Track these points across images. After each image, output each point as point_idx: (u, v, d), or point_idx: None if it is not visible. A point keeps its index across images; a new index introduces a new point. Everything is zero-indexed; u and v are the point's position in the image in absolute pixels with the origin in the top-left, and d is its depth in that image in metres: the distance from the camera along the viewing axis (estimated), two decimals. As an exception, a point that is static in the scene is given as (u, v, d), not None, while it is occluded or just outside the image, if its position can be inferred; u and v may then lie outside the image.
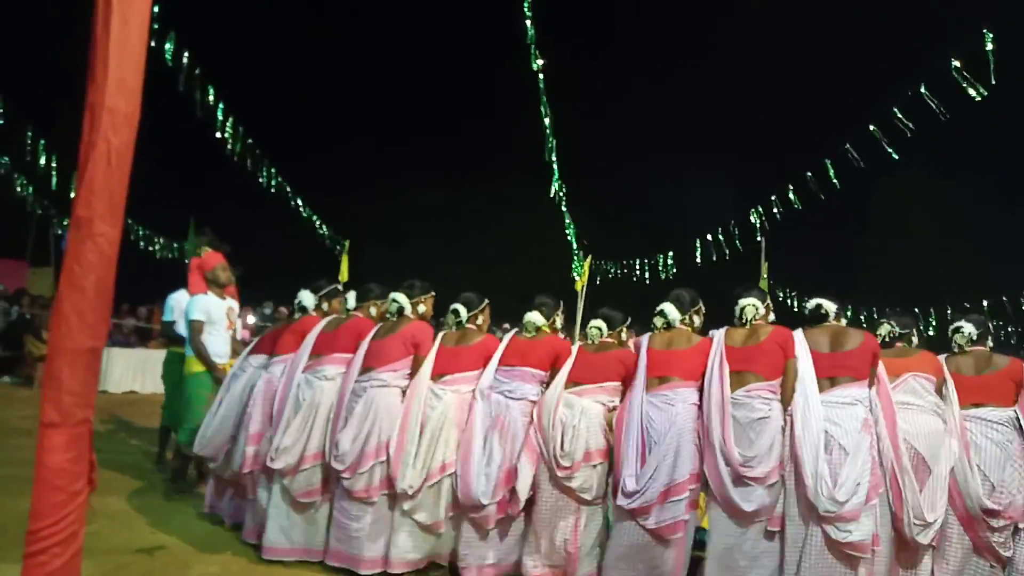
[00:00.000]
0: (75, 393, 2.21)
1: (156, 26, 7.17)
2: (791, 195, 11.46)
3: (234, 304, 6.07)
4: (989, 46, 7.23)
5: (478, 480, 4.07)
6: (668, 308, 4.28)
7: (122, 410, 9.10)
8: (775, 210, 11.79)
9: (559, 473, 4.00)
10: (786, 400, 3.80)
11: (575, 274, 12.26)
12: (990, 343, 4.22)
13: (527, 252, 22.23)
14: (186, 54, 7.40)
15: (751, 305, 4.10)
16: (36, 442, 2.23)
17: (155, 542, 4.60)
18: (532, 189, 14.34)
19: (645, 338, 4.29)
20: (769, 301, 4.25)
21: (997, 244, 22.47)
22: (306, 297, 5.12)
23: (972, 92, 7.35)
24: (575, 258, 12.57)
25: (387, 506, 4.28)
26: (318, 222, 13.22)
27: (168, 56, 7.55)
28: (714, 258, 13.82)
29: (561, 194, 11.32)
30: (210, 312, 5.78)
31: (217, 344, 5.78)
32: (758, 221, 12.33)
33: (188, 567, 4.26)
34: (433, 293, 4.71)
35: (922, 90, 8.00)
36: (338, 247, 13.28)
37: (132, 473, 6.16)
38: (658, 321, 4.29)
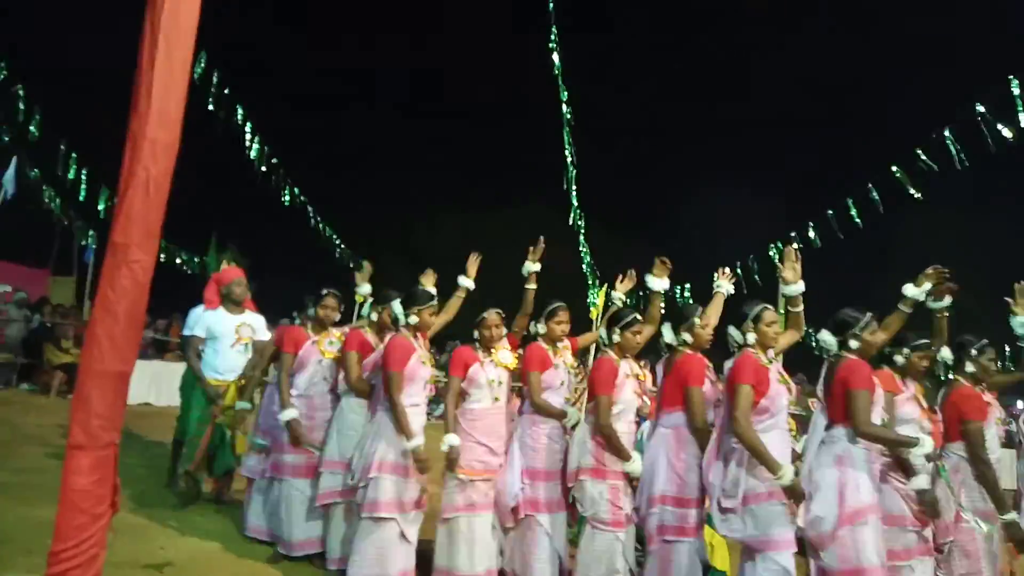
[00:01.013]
0: (103, 416, 2.24)
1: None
2: (811, 232, 11.44)
3: (252, 319, 6.03)
4: (1016, 90, 7.25)
5: None
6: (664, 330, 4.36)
7: (136, 422, 9.05)
8: (795, 245, 11.77)
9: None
10: None
11: (591, 303, 12.25)
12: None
13: (544, 279, 22.26)
14: (216, 74, 7.54)
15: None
16: (46, 450, 2.26)
17: (163, 558, 4.60)
18: (552, 217, 14.43)
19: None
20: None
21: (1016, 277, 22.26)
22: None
23: (993, 137, 7.36)
24: (590, 287, 12.57)
25: None
26: (337, 241, 13.34)
27: (198, 74, 7.68)
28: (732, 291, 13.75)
29: (580, 223, 11.37)
30: (212, 327, 5.83)
31: (220, 360, 5.81)
32: (777, 256, 12.29)
33: (195, 584, 4.29)
34: (433, 303, 4.48)
35: (945, 133, 8.00)
36: (354, 265, 13.45)
37: (143, 486, 6.18)
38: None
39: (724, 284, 4.67)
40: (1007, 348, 5.85)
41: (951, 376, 4.36)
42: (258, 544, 4.96)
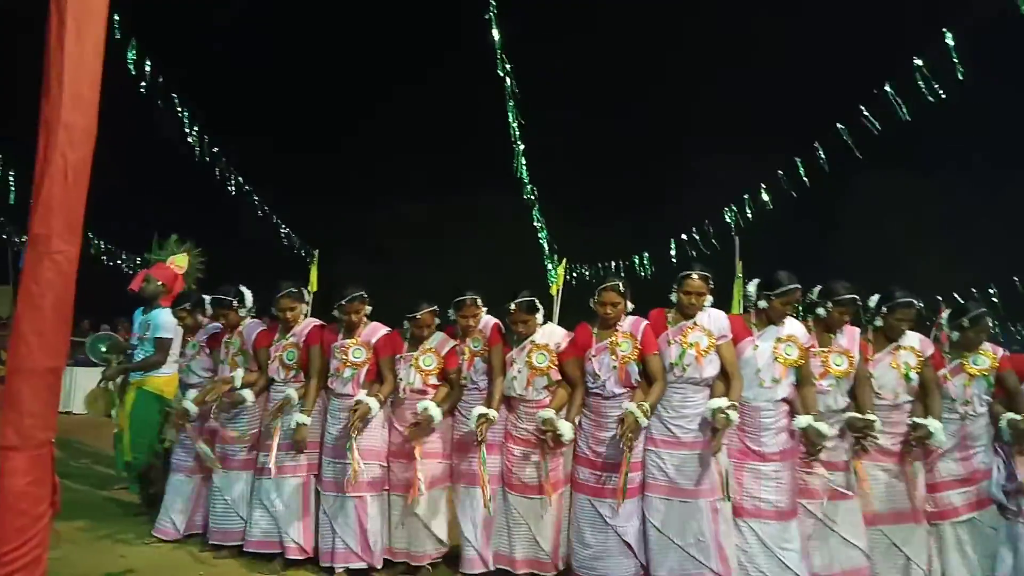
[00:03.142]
0: (35, 415, 2.17)
1: (117, 35, 7.05)
2: (763, 195, 11.57)
3: (155, 316, 5.74)
4: (951, 42, 7.35)
5: None
6: None
7: (87, 432, 8.74)
8: (747, 210, 11.89)
9: None
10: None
11: (550, 279, 12.28)
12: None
13: (502, 259, 22.23)
14: (148, 62, 7.28)
15: None
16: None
17: (124, 566, 4.50)
18: (505, 196, 14.36)
19: None
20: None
21: (967, 238, 22.86)
22: None
23: (936, 90, 7.48)
24: (549, 263, 12.58)
25: None
26: (286, 231, 13.08)
27: (131, 62, 7.42)
28: (691, 256, 13.87)
29: (532, 198, 11.33)
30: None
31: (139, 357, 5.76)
32: (732, 220, 12.42)
33: (160, 588, 4.21)
34: (348, 297, 4.56)
35: (887, 88, 8.11)
36: (308, 257, 13.23)
37: (98, 497, 6.06)
38: None
39: None
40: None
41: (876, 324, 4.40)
42: (222, 547, 4.82)
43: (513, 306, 4.29)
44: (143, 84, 7.19)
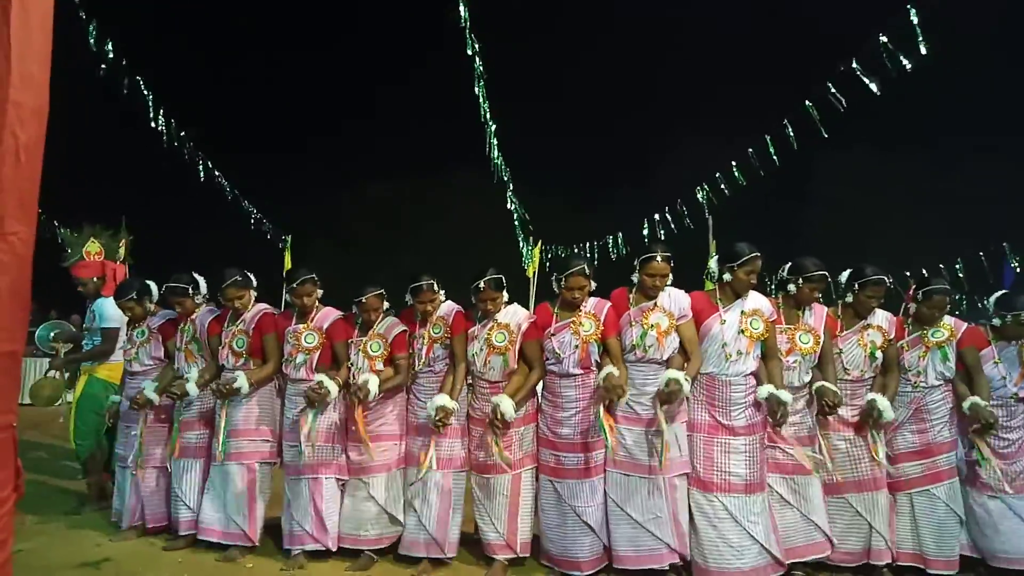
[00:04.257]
0: (-6, 399, 2.13)
1: (82, 15, 6.88)
2: (736, 172, 11.61)
3: (98, 306, 5.77)
4: (915, 19, 7.40)
5: None
6: None
7: (55, 424, 8.70)
8: (723, 187, 11.93)
9: None
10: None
11: (525, 262, 12.29)
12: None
13: (477, 242, 22.21)
14: (110, 43, 7.12)
15: None
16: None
17: (100, 555, 4.51)
18: (478, 177, 14.27)
19: None
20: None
21: (932, 213, 23.15)
22: None
23: (901, 64, 7.53)
24: (524, 244, 12.57)
25: None
26: (257, 216, 12.93)
27: (93, 43, 7.26)
28: (661, 236, 13.91)
29: (505, 178, 11.30)
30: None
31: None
32: (704, 198, 12.46)
33: (138, 576, 4.18)
34: (299, 280, 4.62)
35: (853, 64, 8.14)
36: (281, 242, 13.08)
37: (70, 488, 6.00)
38: None
39: None
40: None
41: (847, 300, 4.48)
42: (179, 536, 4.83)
43: (482, 284, 4.29)
44: (103, 66, 7.03)
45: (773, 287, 4.59)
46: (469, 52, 7.19)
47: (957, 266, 14.49)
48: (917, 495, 4.27)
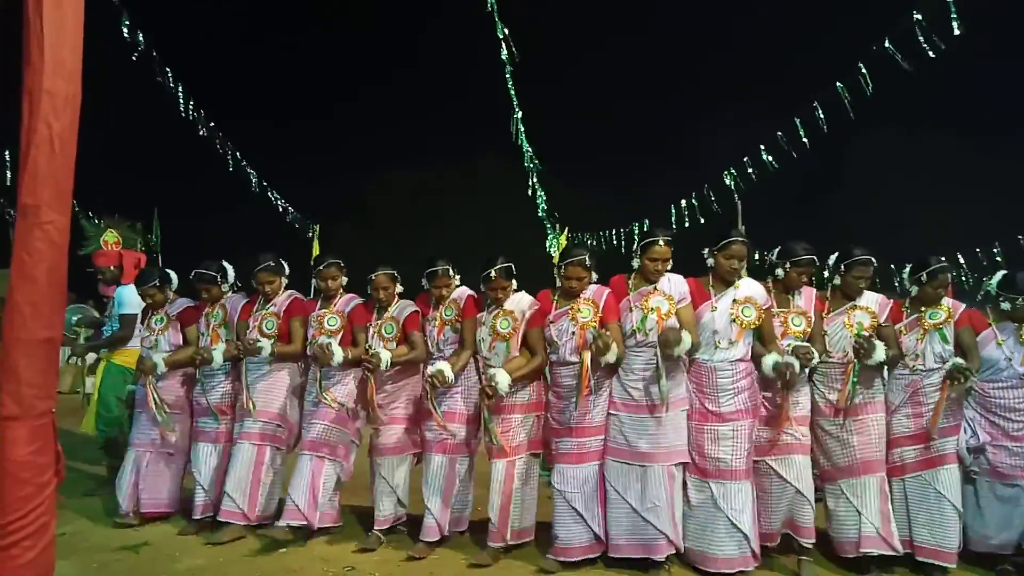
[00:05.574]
0: (34, 385, 2.18)
1: (120, 6, 6.94)
2: (764, 156, 11.41)
3: (119, 293, 5.86)
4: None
5: None
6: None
7: (77, 411, 8.75)
8: (750, 171, 11.73)
9: None
10: None
11: (551, 249, 12.23)
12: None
13: (503, 229, 22.17)
14: (141, 36, 7.17)
15: None
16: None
17: (139, 539, 4.57)
18: (505, 165, 14.21)
19: None
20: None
21: (970, 195, 22.64)
22: None
23: (935, 45, 7.33)
24: (550, 232, 12.51)
25: None
26: (285, 205, 13.02)
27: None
28: (686, 224, 13.75)
29: (531, 166, 11.25)
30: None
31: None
32: (732, 183, 12.28)
33: (175, 561, 4.25)
34: (325, 263, 4.77)
35: (886, 45, 7.95)
36: (310, 231, 13.14)
37: (105, 472, 6.10)
38: None
39: None
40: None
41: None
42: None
43: (493, 273, 4.28)
44: (136, 55, 7.09)
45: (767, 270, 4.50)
46: (499, 35, 7.15)
47: (995, 250, 14.13)
48: (910, 480, 4.16)
